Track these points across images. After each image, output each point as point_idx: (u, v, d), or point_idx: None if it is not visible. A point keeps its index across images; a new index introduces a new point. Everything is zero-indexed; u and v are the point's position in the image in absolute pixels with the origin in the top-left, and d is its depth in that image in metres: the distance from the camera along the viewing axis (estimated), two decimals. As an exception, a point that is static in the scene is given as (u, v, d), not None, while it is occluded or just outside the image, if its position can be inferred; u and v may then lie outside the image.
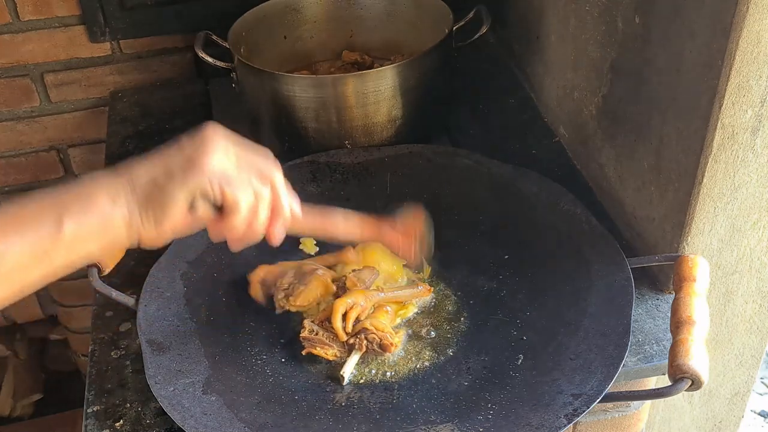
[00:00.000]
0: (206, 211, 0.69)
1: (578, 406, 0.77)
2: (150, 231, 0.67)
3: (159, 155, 0.68)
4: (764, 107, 0.80)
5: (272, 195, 0.72)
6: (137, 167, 0.67)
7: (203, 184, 0.67)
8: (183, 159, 0.67)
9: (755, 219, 0.90)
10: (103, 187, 0.65)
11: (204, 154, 0.67)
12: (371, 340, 0.87)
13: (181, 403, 0.80)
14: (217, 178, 0.67)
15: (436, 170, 1.11)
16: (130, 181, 0.66)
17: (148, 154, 0.68)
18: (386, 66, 1.11)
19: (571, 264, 0.94)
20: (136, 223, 0.66)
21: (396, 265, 0.98)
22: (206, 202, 0.68)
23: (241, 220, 0.70)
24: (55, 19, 1.41)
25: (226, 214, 0.69)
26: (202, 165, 0.67)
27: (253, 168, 0.71)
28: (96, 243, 0.65)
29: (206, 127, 0.71)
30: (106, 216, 0.64)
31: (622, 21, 0.97)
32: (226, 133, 0.72)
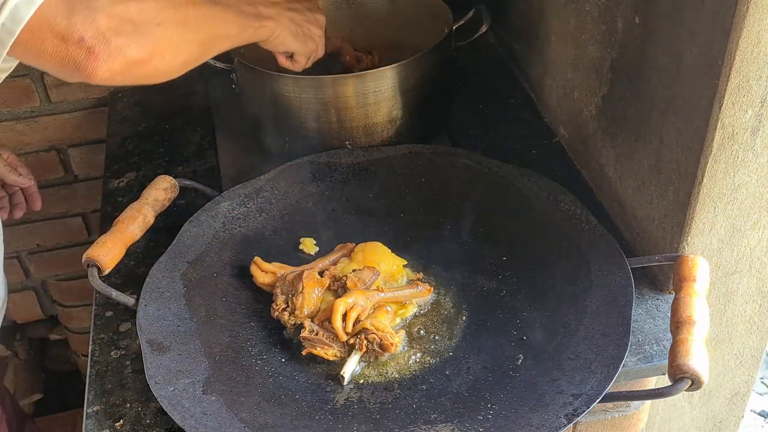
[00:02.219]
0: None
1: (578, 406, 0.77)
2: None
3: None
4: (764, 107, 0.80)
5: None
6: (290, 15, 0.99)
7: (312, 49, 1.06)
8: (309, 23, 1.03)
9: (755, 219, 0.90)
10: (268, 18, 0.96)
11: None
12: (371, 340, 0.87)
13: (181, 403, 0.80)
14: None
15: (436, 170, 1.11)
16: (279, 21, 0.98)
17: None
18: (386, 66, 1.11)
19: (571, 264, 0.94)
20: (272, 37, 0.99)
21: (396, 265, 0.98)
22: None
23: None
24: (55, 19, 1.41)
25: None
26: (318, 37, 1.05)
27: None
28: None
29: None
30: (267, 30, 0.97)
31: (622, 21, 0.97)
32: None
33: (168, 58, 0.78)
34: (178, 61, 0.80)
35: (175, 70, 0.81)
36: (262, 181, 1.09)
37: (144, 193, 1.01)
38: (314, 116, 1.13)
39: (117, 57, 0.72)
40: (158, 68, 0.78)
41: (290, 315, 0.92)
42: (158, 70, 0.78)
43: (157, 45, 0.76)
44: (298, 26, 1.00)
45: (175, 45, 0.79)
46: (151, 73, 0.78)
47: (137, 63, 0.74)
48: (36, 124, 1.53)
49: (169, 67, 0.80)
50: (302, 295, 0.91)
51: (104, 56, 0.71)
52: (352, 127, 1.14)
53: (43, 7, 0.67)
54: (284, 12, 0.98)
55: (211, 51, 0.87)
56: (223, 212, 1.05)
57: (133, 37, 0.73)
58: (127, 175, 1.24)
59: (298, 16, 1.01)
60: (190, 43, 0.82)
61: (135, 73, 0.76)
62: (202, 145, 1.30)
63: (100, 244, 0.92)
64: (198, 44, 0.83)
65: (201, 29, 0.83)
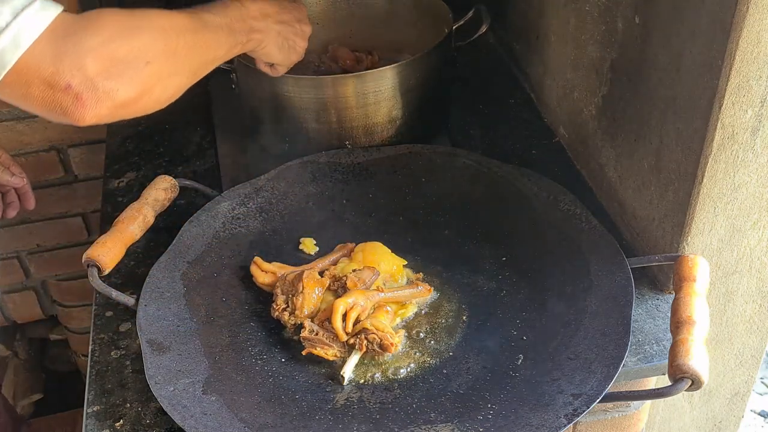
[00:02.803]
0: None
1: (578, 406, 0.77)
2: None
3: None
4: (764, 107, 0.80)
5: None
6: (274, 25, 0.97)
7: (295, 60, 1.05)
8: (296, 36, 1.02)
9: (755, 219, 0.90)
10: (258, 32, 0.94)
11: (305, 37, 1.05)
12: (371, 340, 0.87)
13: (181, 403, 0.80)
14: None
15: (436, 170, 1.11)
16: (268, 33, 0.96)
17: None
18: (386, 66, 1.11)
19: (571, 264, 0.94)
20: (259, 48, 0.98)
21: (396, 265, 0.98)
22: None
23: None
24: (55, 19, 1.41)
25: None
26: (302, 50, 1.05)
27: None
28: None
29: (302, 7, 1.04)
30: (254, 42, 0.95)
31: (622, 21, 0.97)
32: None
33: (157, 94, 0.77)
34: (167, 95, 0.79)
35: (164, 102, 0.80)
36: (262, 181, 1.09)
37: (144, 193, 1.01)
38: (314, 116, 1.13)
39: (105, 102, 0.71)
40: (146, 105, 0.77)
41: (290, 315, 0.92)
42: (146, 107, 0.77)
43: (147, 84, 0.75)
44: (284, 39, 1.00)
45: (164, 80, 0.78)
46: (140, 110, 0.77)
47: (125, 104, 0.74)
48: (36, 124, 1.53)
49: (157, 103, 0.78)
50: (302, 295, 0.91)
51: (92, 102, 0.70)
52: (352, 127, 1.14)
53: (29, 52, 0.66)
54: (274, 25, 0.97)
55: (200, 75, 0.85)
56: (223, 212, 1.05)
57: (122, 79, 0.72)
58: (127, 175, 1.24)
59: (286, 29, 1.00)
60: (180, 75, 0.80)
61: (122, 113, 0.75)
62: (202, 145, 1.30)
63: (100, 244, 0.92)
64: (188, 74, 0.82)
65: (191, 58, 0.82)
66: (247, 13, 0.92)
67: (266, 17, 0.96)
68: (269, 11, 0.96)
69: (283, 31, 0.99)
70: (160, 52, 0.76)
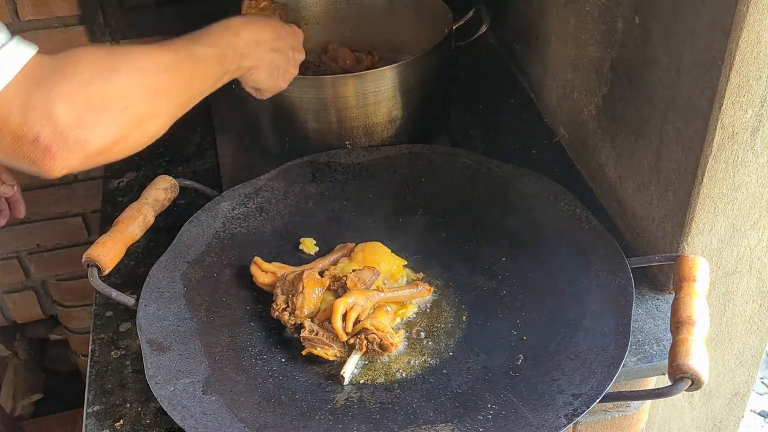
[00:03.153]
0: None
1: (578, 406, 0.77)
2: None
3: (270, 37, 0.94)
4: (764, 107, 0.80)
5: None
6: (265, 53, 0.93)
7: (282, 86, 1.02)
8: (287, 65, 0.99)
9: (755, 219, 0.90)
10: (249, 59, 0.91)
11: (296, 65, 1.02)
12: (371, 340, 0.87)
13: (181, 403, 0.80)
14: None
15: (436, 170, 1.11)
16: (261, 60, 0.93)
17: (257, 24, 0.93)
18: (386, 66, 1.11)
19: (571, 264, 0.94)
20: (248, 75, 0.94)
21: (396, 265, 0.98)
22: None
23: None
24: (55, 19, 1.41)
25: None
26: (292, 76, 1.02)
27: None
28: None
29: (299, 33, 1.01)
30: (243, 70, 0.92)
31: (622, 21, 0.97)
32: None
33: (134, 139, 0.73)
34: (145, 140, 0.75)
35: (142, 146, 0.75)
36: (262, 181, 1.09)
37: (144, 193, 1.01)
38: (314, 116, 1.13)
39: (76, 153, 0.66)
40: (122, 152, 0.73)
41: (290, 315, 0.92)
42: (122, 153, 0.73)
43: (123, 131, 0.70)
44: (275, 67, 0.96)
45: (143, 125, 0.73)
46: (115, 157, 0.72)
47: (99, 153, 0.69)
48: (36, 124, 1.53)
49: (134, 148, 0.74)
50: (302, 295, 0.91)
51: (62, 155, 0.66)
52: (352, 127, 1.14)
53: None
54: (267, 54, 0.93)
55: (184, 111, 0.80)
56: (223, 212, 1.05)
57: (95, 128, 0.67)
58: (127, 175, 1.24)
59: (279, 58, 0.96)
60: (161, 117, 0.76)
61: (96, 161, 0.70)
62: (202, 145, 1.30)
63: (100, 244, 0.92)
64: (169, 115, 0.77)
65: (174, 98, 0.77)
66: (239, 42, 0.88)
67: (260, 45, 0.92)
68: (264, 38, 0.92)
69: (276, 59, 0.96)
70: (140, 95, 0.72)
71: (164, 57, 0.76)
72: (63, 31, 1.43)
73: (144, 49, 0.74)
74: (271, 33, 0.94)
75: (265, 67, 0.94)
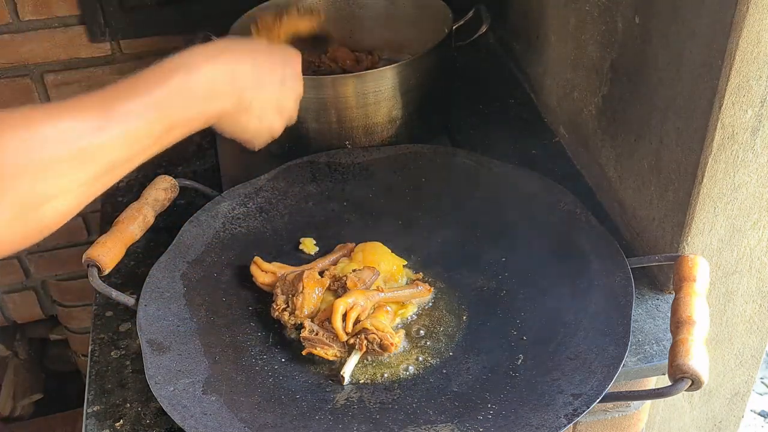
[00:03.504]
0: None
1: (578, 406, 0.77)
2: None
3: (261, 70, 0.78)
4: (764, 107, 0.80)
5: None
6: (243, 91, 0.76)
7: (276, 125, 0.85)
8: (281, 101, 0.83)
9: (755, 219, 0.90)
10: (218, 101, 0.74)
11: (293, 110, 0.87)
12: (371, 340, 0.87)
13: (181, 403, 0.80)
14: None
15: (436, 170, 1.11)
16: (240, 100, 0.76)
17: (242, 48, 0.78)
18: (386, 66, 1.11)
19: (571, 264, 0.94)
20: (219, 122, 0.77)
21: (396, 265, 0.98)
22: None
23: None
24: (55, 19, 1.41)
25: None
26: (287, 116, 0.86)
27: None
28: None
29: (295, 59, 0.85)
30: (212, 119, 0.75)
31: (622, 21, 0.97)
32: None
33: (32, 224, 0.63)
34: (47, 224, 0.65)
35: (45, 232, 0.66)
36: (262, 181, 1.09)
37: (144, 193, 1.01)
38: (314, 116, 1.13)
39: None
40: (18, 241, 0.63)
41: (290, 315, 0.92)
42: (18, 242, 0.63)
43: (42, 228, 0.63)
44: (263, 108, 0.80)
45: (39, 209, 0.61)
46: (8, 250, 0.62)
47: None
48: (36, 124, 1.53)
49: (33, 235, 0.64)
50: (302, 295, 0.91)
51: None
52: (352, 127, 1.14)
53: None
54: (248, 91, 0.77)
55: (100, 189, 0.68)
56: (223, 212, 1.05)
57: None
58: (127, 175, 1.23)
59: (267, 94, 0.81)
60: (59, 198, 0.63)
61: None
62: (202, 145, 1.30)
63: (100, 244, 0.92)
64: (71, 194, 0.64)
65: (75, 174, 0.62)
66: (197, 80, 0.71)
67: (236, 80, 0.75)
68: (240, 71, 0.75)
69: (262, 96, 0.79)
70: (29, 173, 0.59)
71: (65, 125, 0.61)
72: (63, 31, 1.43)
73: (36, 115, 0.60)
74: (249, 62, 0.77)
75: (246, 108, 0.78)
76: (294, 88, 0.85)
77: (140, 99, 0.66)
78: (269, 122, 0.83)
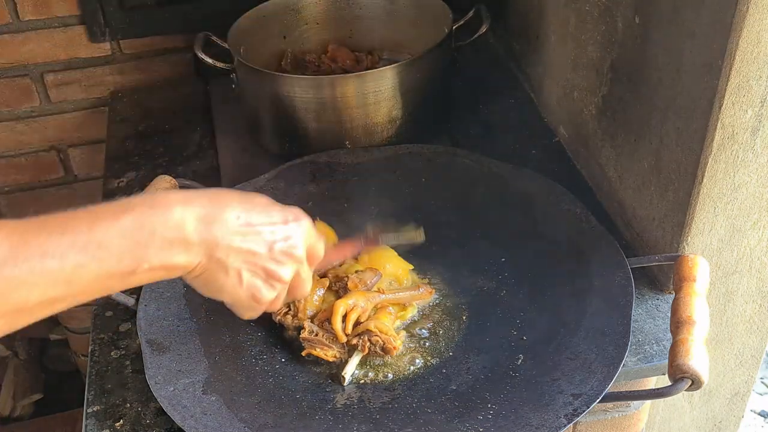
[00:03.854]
0: None
1: (578, 406, 0.77)
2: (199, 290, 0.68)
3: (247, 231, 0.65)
4: (764, 107, 0.80)
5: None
6: (221, 240, 0.63)
7: (269, 297, 0.69)
8: (263, 269, 0.67)
9: (755, 219, 0.90)
10: (185, 246, 0.61)
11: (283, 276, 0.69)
12: (374, 342, 0.87)
13: (181, 403, 0.80)
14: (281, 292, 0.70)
15: (436, 170, 1.11)
16: (208, 249, 0.62)
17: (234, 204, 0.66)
18: (386, 66, 1.11)
19: (571, 264, 0.94)
20: (190, 277, 0.65)
21: (402, 269, 0.98)
22: None
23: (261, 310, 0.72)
24: (55, 19, 1.41)
25: None
26: (280, 282, 0.69)
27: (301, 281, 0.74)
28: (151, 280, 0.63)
29: (302, 225, 0.71)
30: (177, 270, 0.62)
31: (622, 21, 0.97)
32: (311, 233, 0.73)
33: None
34: None
35: None
36: (262, 181, 1.09)
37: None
38: (314, 116, 1.13)
39: None
40: None
41: (293, 318, 0.91)
42: None
43: None
44: (253, 272, 0.67)
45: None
46: None
47: None
48: (36, 124, 1.53)
49: None
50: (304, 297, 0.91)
51: None
52: (352, 127, 1.14)
53: None
54: (252, 272, 0.66)
55: (20, 324, 0.57)
56: (223, 212, 1.05)
57: None
58: (127, 175, 1.24)
59: (256, 258, 0.67)
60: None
61: None
62: (202, 145, 1.30)
63: (100, 244, 0.92)
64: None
65: None
66: (171, 220, 0.60)
67: (207, 231, 0.62)
68: (224, 218, 0.63)
69: (251, 259, 0.66)
70: None
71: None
72: (63, 31, 1.43)
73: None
74: (236, 209, 0.65)
75: (223, 266, 0.64)
76: (293, 258, 0.69)
77: (72, 236, 0.56)
78: (251, 287, 0.68)
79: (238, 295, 0.68)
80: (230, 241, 0.64)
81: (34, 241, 0.54)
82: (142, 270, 0.59)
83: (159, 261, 0.60)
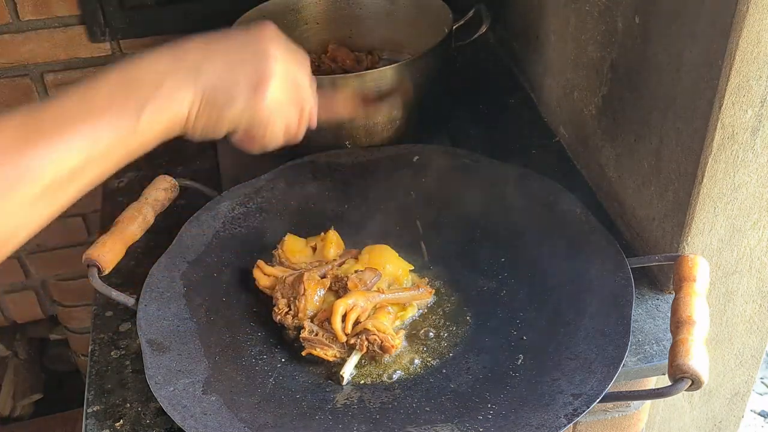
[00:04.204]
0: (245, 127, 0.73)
1: (578, 406, 0.77)
2: (197, 132, 0.70)
3: (224, 51, 0.69)
4: (764, 107, 0.80)
5: (298, 119, 0.78)
6: (204, 64, 0.67)
7: (259, 113, 0.71)
8: (247, 78, 0.69)
9: (755, 219, 0.90)
10: (174, 82, 0.65)
11: (268, 78, 0.70)
12: (372, 341, 0.87)
13: (181, 403, 0.80)
14: (271, 112, 0.72)
15: (436, 170, 1.11)
16: (196, 80, 0.66)
17: (211, 39, 0.69)
18: (386, 66, 1.11)
19: (571, 264, 0.94)
20: (190, 122, 0.68)
21: (402, 269, 0.98)
22: None
23: (265, 142, 0.76)
24: (55, 19, 1.41)
25: (257, 134, 0.75)
26: (264, 94, 0.70)
27: (297, 97, 0.76)
28: (159, 138, 0.66)
29: (267, 33, 0.72)
30: (175, 114, 0.66)
31: (622, 21, 0.97)
32: (283, 44, 0.74)
33: None
34: None
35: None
36: (262, 181, 1.09)
37: (144, 193, 1.01)
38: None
39: None
40: None
41: (293, 318, 0.91)
42: None
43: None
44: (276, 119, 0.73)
45: None
46: None
47: None
48: (36, 124, 1.53)
49: None
50: (304, 297, 0.91)
51: None
52: (352, 127, 1.14)
53: None
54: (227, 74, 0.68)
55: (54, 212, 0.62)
56: (223, 212, 1.05)
57: None
58: (127, 175, 1.24)
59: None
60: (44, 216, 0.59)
61: None
62: (202, 145, 1.30)
63: (100, 244, 0.92)
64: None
65: None
66: (141, 70, 0.65)
67: (212, 57, 0.67)
68: (228, 54, 0.68)
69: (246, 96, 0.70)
70: None
71: None
72: (63, 31, 1.43)
73: None
74: (239, 47, 0.70)
75: (222, 100, 0.69)
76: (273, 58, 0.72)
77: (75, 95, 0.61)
78: (260, 86, 0.70)
79: (255, 109, 0.71)
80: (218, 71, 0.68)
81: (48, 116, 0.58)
82: (146, 113, 0.63)
83: (159, 106, 0.64)
